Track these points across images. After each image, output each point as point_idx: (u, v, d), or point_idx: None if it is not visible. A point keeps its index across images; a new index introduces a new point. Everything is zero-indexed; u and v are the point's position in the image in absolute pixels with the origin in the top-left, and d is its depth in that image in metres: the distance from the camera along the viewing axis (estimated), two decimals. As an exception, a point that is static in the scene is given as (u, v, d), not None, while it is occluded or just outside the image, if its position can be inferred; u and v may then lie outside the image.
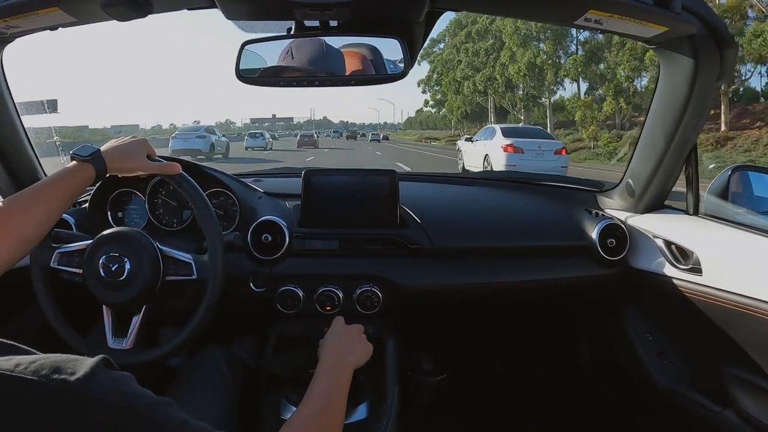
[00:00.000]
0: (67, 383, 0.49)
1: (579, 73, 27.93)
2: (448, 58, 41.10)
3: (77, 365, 0.51)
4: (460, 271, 1.45)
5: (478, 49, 35.23)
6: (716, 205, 1.42)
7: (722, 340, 1.22)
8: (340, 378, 0.98)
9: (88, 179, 1.02)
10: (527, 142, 12.14)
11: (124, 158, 1.08)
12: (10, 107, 1.37)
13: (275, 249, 1.37)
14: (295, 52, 1.13)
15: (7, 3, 1.04)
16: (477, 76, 35.17)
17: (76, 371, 0.50)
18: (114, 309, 1.17)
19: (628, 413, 1.68)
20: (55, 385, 0.48)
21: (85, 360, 0.52)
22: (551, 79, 29.77)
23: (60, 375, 0.49)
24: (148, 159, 1.12)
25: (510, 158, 11.68)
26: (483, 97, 36.82)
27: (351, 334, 1.14)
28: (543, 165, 11.43)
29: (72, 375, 0.49)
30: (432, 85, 46.79)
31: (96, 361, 0.52)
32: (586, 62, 27.41)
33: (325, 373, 0.97)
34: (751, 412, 1.18)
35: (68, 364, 0.51)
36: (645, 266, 1.43)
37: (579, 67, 27.50)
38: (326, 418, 0.86)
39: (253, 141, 29.46)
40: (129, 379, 0.55)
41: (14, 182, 1.43)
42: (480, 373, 2.03)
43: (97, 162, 1.03)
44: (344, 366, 1.02)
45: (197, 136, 19.84)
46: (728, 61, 1.18)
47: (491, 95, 35.18)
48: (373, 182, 1.46)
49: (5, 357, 0.50)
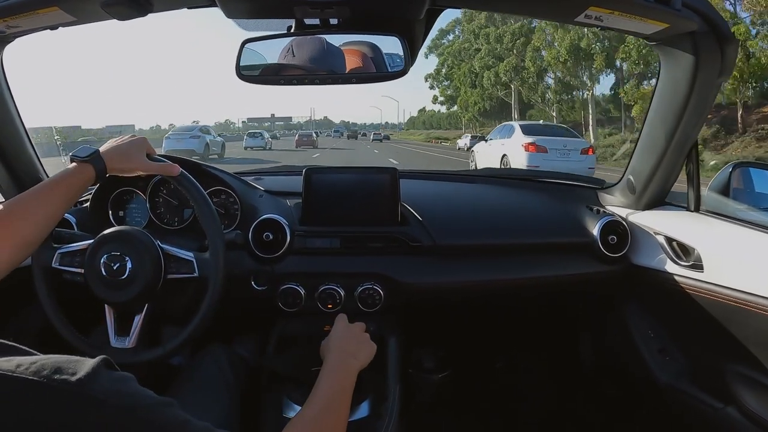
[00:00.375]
0: (68, 384, 0.49)
1: (642, 56, 20.87)
2: (461, 48, 37.71)
3: (78, 366, 0.51)
4: (462, 268, 1.45)
5: (502, 33, 30.56)
6: (717, 201, 1.42)
7: (724, 337, 1.22)
8: (344, 380, 0.97)
9: (88, 180, 1.02)
10: (551, 141, 10.95)
11: (123, 158, 1.08)
12: (11, 107, 1.36)
13: (276, 247, 1.37)
14: (295, 50, 1.13)
15: (6, 3, 1.04)
16: (500, 65, 30.69)
17: (77, 372, 0.50)
18: (116, 308, 1.17)
19: (629, 410, 1.68)
20: (56, 386, 0.48)
21: (86, 361, 0.52)
22: (600, 65, 24.31)
23: (61, 375, 0.49)
24: (148, 158, 1.12)
25: (532, 158, 10.45)
26: (505, 90, 32.33)
27: (355, 335, 1.13)
28: (569, 166, 10.07)
29: (73, 375, 0.50)
30: (441, 80, 43.61)
31: (97, 362, 0.53)
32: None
33: (330, 375, 0.97)
34: (752, 409, 1.18)
35: (69, 365, 0.51)
36: (646, 263, 1.43)
37: (642, 48, 19.87)
38: (329, 420, 0.86)
39: (253, 141, 28.81)
40: (130, 379, 0.55)
41: (15, 182, 1.43)
42: (481, 371, 2.03)
43: (97, 163, 1.03)
44: (349, 368, 1.01)
45: (191, 136, 19.10)
46: (729, 57, 1.18)
47: (517, 87, 30.78)
48: (374, 180, 1.46)
49: (6, 358, 0.50)
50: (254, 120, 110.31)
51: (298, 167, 1.63)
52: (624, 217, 1.49)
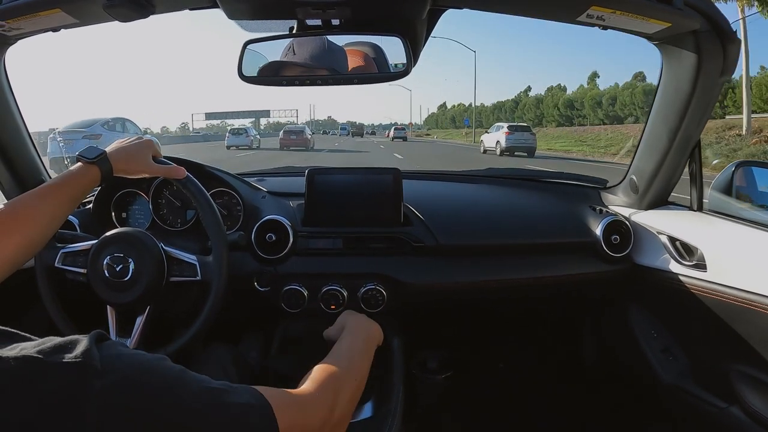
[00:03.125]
0: (70, 358, 0.52)
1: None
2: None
3: (75, 342, 0.54)
4: (465, 268, 1.45)
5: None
6: (720, 200, 1.41)
7: (727, 337, 1.22)
8: (363, 343, 1.02)
9: (93, 182, 1.02)
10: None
11: (130, 160, 1.08)
12: (13, 108, 1.37)
13: (279, 248, 1.37)
14: (297, 49, 1.13)
15: (9, 5, 1.04)
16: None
17: (76, 347, 0.53)
18: (118, 309, 1.17)
19: (633, 410, 1.67)
20: (59, 361, 0.51)
21: (81, 338, 0.55)
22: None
23: (62, 353, 0.52)
24: (154, 160, 1.12)
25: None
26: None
27: (361, 318, 1.17)
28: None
29: (71, 351, 0.53)
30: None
31: (92, 336, 0.56)
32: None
33: (349, 337, 1.02)
34: (756, 409, 1.17)
35: (67, 343, 0.54)
36: (649, 263, 1.43)
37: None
38: (352, 371, 0.87)
39: (236, 139, 25.51)
40: (120, 344, 0.58)
41: (17, 182, 1.43)
42: (485, 372, 2.03)
43: (103, 164, 1.03)
44: (369, 337, 1.07)
45: (86, 136, 11.41)
46: (731, 56, 1.18)
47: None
48: (377, 180, 1.46)
49: (9, 346, 0.53)
50: (215, 115, 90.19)
51: (300, 168, 1.63)
52: (627, 217, 1.49)
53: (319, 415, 0.71)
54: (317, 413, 0.71)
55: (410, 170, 1.89)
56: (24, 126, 1.41)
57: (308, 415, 0.69)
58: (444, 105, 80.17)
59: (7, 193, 1.44)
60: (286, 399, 0.68)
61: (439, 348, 1.79)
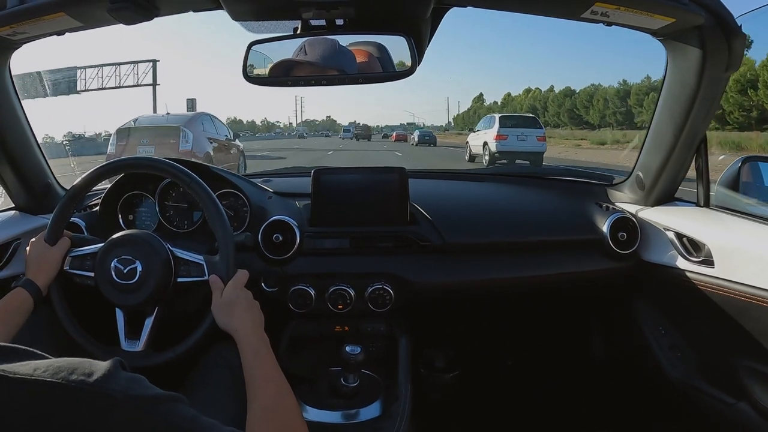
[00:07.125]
0: (86, 384, 0.51)
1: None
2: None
3: (93, 367, 0.53)
4: (471, 267, 1.45)
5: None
6: (727, 196, 1.41)
7: (735, 332, 1.21)
8: (266, 354, 1.00)
9: (24, 302, 1.06)
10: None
11: (39, 267, 1.13)
12: (19, 111, 1.37)
13: (286, 248, 1.38)
14: (308, 50, 1.13)
15: (14, 9, 1.04)
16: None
17: (93, 372, 0.52)
18: (126, 311, 1.17)
19: (641, 406, 1.67)
20: (74, 386, 0.50)
21: (98, 362, 0.54)
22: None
23: (78, 376, 0.51)
24: (53, 241, 1.16)
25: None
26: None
27: (241, 299, 1.11)
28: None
29: (89, 376, 0.51)
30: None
31: (112, 363, 0.55)
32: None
33: (256, 359, 0.99)
34: (765, 405, 1.17)
35: (84, 366, 0.53)
36: (656, 259, 1.42)
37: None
38: (285, 400, 0.90)
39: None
40: (142, 380, 0.57)
41: (24, 186, 1.43)
42: (492, 369, 2.03)
43: (27, 285, 1.08)
44: (262, 339, 1.04)
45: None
46: (736, 51, 1.17)
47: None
48: (383, 180, 1.46)
49: (22, 362, 0.52)
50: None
51: (306, 168, 1.63)
52: (633, 214, 1.48)
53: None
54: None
55: (416, 169, 1.89)
56: (30, 129, 1.41)
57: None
58: (480, 97, 62.92)
59: (14, 196, 1.44)
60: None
61: (446, 346, 1.79)
